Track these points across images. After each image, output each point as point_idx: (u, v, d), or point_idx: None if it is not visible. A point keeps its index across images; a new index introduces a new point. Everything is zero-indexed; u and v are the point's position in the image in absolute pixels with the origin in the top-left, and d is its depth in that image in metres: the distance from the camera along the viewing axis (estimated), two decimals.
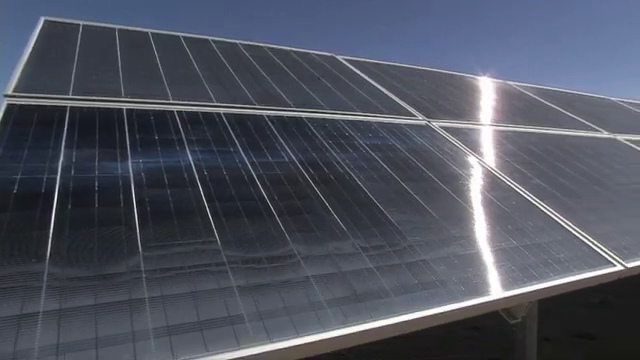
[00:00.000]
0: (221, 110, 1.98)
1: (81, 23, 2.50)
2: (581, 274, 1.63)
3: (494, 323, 1.62)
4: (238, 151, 1.71)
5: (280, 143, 1.84)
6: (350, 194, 1.64)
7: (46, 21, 2.41)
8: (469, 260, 1.50)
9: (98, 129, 1.59)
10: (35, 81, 1.80)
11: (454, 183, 1.96)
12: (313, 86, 2.57)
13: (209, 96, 2.07)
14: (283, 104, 2.21)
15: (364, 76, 3.07)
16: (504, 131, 2.91)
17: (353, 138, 2.07)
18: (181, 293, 1.08)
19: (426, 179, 1.92)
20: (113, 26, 2.56)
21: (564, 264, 1.65)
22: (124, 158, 1.48)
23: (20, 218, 1.15)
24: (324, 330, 1.09)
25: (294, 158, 1.76)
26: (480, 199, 1.91)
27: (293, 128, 1.99)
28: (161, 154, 1.56)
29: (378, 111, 2.49)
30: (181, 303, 1.05)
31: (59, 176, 1.32)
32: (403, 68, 3.62)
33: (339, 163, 1.82)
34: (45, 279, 1.01)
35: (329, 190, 1.62)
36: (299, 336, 1.06)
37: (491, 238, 1.66)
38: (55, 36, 2.28)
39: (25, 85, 1.75)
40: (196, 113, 1.89)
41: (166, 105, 1.88)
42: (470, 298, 1.33)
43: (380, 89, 2.89)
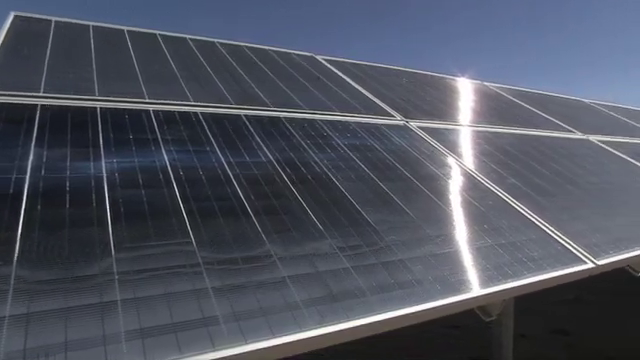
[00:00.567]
0: (198, 109, 1.95)
1: (53, 19, 2.44)
2: (554, 272, 1.67)
3: (474, 321, 1.64)
4: (215, 151, 1.69)
5: (257, 143, 1.83)
6: (327, 194, 1.64)
7: (16, 17, 2.35)
8: (445, 259, 1.51)
9: (70, 128, 1.56)
10: (4, 78, 1.75)
11: (431, 183, 1.98)
12: (292, 86, 2.57)
13: (186, 95, 2.05)
14: (261, 104, 2.20)
15: (343, 76, 3.07)
16: (481, 131, 2.96)
17: (331, 138, 2.07)
18: (155, 295, 1.06)
19: (403, 179, 1.93)
20: (87, 23, 2.51)
21: (538, 262, 1.68)
22: (97, 158, 1.45)
23: None
24: (300, 330, 1.09)
25: (271, 158, 1.75)
26: (457, 199, 1.94)
27: (271, 128, 1.98)
28: (136, 154, 1.53)
29: (357, 111, 2.50)
30: (155, 305, 1.04)
31: (28, 176, 1.29)
32: (382, 68, 3.65)
33: (317, 163, 1.82)
34: (12, 282, 0.98)
35: (306, 190, 1.62)
36: (275, 337, 1.05)
37: (467, 237, 1.68)
38: (25, 32, 2.22)
39: None
40: (172, 112, 1.87)
41: (141, 104, 1.85)
42: (445, 297, 1.34)
43: (359, 89, 2.91)
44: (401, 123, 2.57)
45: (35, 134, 1.47)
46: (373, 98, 2.82)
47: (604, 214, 2.30)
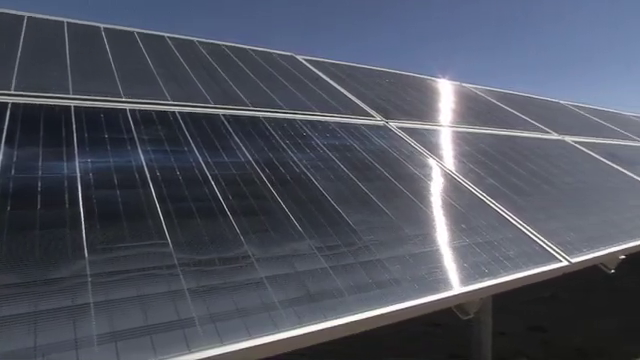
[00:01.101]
0: (176, 109, 1.93)
1: (25, 15, 2.38)
2: (530, 270, 1.69)
3: (454, 320, 1.65)
4: (192, 151, 1.67)
5: (236, 142, 1.82)
6: (306, 194, 1.64)
7: None
8: (423, 259, 1.52)
9: (43, 127, 1.52)
10: None
11: (410, 183, 1.99)
12: (271, 86, 2.56)
13: (164, 94, 2.02)
14: (240, 103, 2.18)
15: (323, 76, 3.08)
16: (460, 132, 2.99)
17: (311, 138, 2.07)
18: (129, 297, 1.05)
19: (383, 179, 1.94)
20: (61, 19, 2.45)
21: (514, 261, 1.71)
22: (71, 158, 1.42)
23: None
24: (277, 331, 1.08)
25: (250, 158, 1.74)
26: (436, 199, 1.95)
27: (250, 128, 1.97)
28: (111, 154, 1.51)
29: (336, 111, 2.50)
30: (129, 307, 1.02)
31: None
32: (362, 69, 3.66)
33: (296, 163, 1.82)
34: None
35: (285, 190, 1.61)
36: (251, 338, 1.05)
37: (445, 237, 1.70)
38: None
39: None
40: (149, 112, 1.84)
41: (117, 103, 1.82)
42: (423, 296, 1.35)
43: (339, 89, 2.91)
44: (381, 123, 2.58)
45: (5, 133, 1.43)
46: (353, 98, 2.83)
47: (578, 213, 2.35)
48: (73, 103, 1.71)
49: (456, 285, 1.45)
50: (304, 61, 3.27)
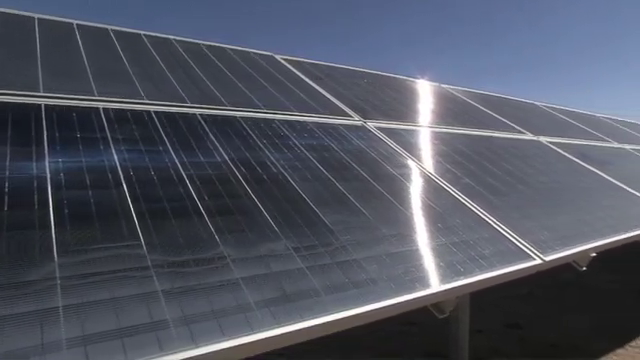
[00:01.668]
0: (151, 108, 1.90)
1: None
2: (504, 269, 1.72)
3: (431, 318, 1.67)
4: (168, 150, 1.65)
5: (212, 142, 1.80)
6: (283, 194, 1.63)
7: None
8: (400, 258, 1.53)
9: (11, 126, 1.48)
10: None
11: (388, 183, 2.00)
12: (250, 85, 2.54)
13: (139, 93, 1.99)
14: (217, 103, 2.16)
15: (302, 76, 3.07)
16: (437, 132, 3.02)
17: (288, 138, 2.06)
18: (100, 300, 1.02)
19: (360, 179, 1.95)
20: (32, 15, 2.39)
21: (489, 259, 1.73)
22: (41, 157, 1.38)
23: None
24: (252, 332, 1.07)
25: (226, 158, 1.73)
26: (413, 199, 1.97)
27: (227, 127, 1.95)
28: (83, 153, 1.47)
29: (315, 111, 2.50)
30: (100, 311, 1.00)
31: None
32: (341, 69, 3.67)
33: (273, 163, 1.81)
34: None
35: (262, 190, 1.60)
36: (226, 339, 1.04)
37: (422, 236, 1.71)
38: None
39: None
40: (124, 110, 1.81)
41: (90, 101, 1.78)
42: (399, 295, 1.36)
43: (318, 89, 2.91)
44: (359, 123, 2.59)
45: None
46: (332, 98, 2.84)
47: (552, 212, 2.40)
48: (44, 102, 1.67)
49: (432, 284, 1.47)
50: (283, 61, 3.26)
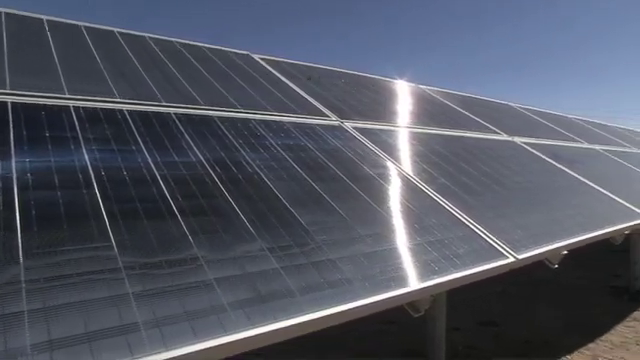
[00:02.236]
0: (124, 107, 1.87)
1: None
2: (478, 267, 1.75)
3: (410, 317, 1.68)
4: (141, 150, 1.62)
5: (187, 142, 1.78)
6: (259, 194, 1.62)
7: None
8: (375, 258, 1.54)
9: None
10: None
11: (364, 183, 2.01)
12: (226, 85, 2.52)
13: (111, 92, 1.95)
14: (193, 102, 2.14)
15: (280, 76, 3.06)
16: (414, 132, 3.05)
17: (265, 138, 2.05)
18: (68, 303, 1.00)
19: (336, 179, 1.95)
20: None
21: (463, 258, 1.75)
22: (6, 157, 1.34)
23: None
24: (226, 333, 1.06)
25: (202, 158, 1.70)
26: (389, 198, 1.98)
27: (202, 127, 1.93)
28: (52, 153, 1.44)
29: (292, 111, 2.49)
30: (67, 314, 0.98)
31: None
32: (319, 69, 3.67)
33: (249, 163, 1.79)
34: None
35: (237, 190, 1.59)
36: (199, 341, 1.03)
37: (397, 236, 1.72)
38: None
39: None
40: (96, 109, 1.77)
41: (61, 100, 1.74)
42: (374, 295, 1.36)
43: (295, 89, 2.90)
44: (336, 123, 2.59)
45: None
46: (309, 98, 2.83)
47: (525, 211, 2.45)
48: (10, 99, 1.62)
49: (407, 283, 1.48)
50: (260, 60, 3.24)
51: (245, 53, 3.25)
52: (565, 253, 2.30)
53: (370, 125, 2.80)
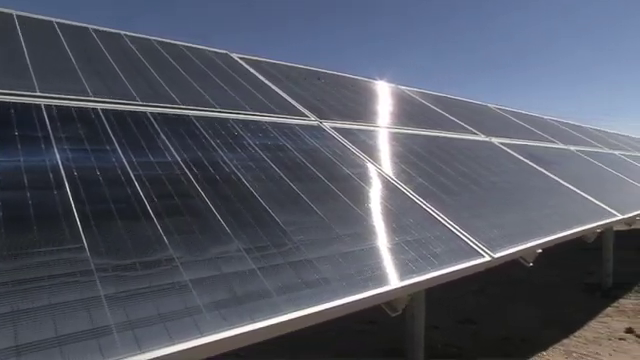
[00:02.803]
0: (98, 106, 1.83)
1: None
2: (455, 266, 1.77)
3: (390, 317, 1.68)
4: (115, 150, 1.59)
5: (163, 142, 1.75)
6: (236, 195, 1.61)
7: None
8: (353, 258, 1.54)
9: None
10: None
11: (342, 183, 2.01)
12: (204, 84, 2.49)
13: (85, 90, 1.91)
14: (170, 101, 2.11)
15: (259, 75, 3.04)
16: (393, 132, 3.07)
17: (243, 138, 2.03)
18: (37, 307, 0.97)
19: (315, 179, 1.95)
20: None
21: (440, 258, 1.77)
22: None
23: None
24: (201, 335, 1.05)
25: (178, 158, 1.68)
26: (367, 198, 1.99)
27: (179, 127, 1.91)
28: (22, 152, 1.40)
29: (270, 111, 2.48)
30: (36, 318, 0.95)
31: None
32: (298, 69, 3.66)
33: (226, 163, 1.78)
34: None
35: (214, 191, 1.57)
36: (173, 343, 1.01)
37: (375, 236, 1.73)
38: None
39: None
40: (68, 108, 1.73)
41: (31, 98, 1.69)
42: (351, 294, 1.37)
43: (274, 89, 2.89)
44: (315, 123, 2.59)
45: None
46: (288, 98, 2.82)
47: (501, 211, 2.49)
48: None
49: (384, 283, 1.48)
50: (239, 59, 3.22)
51: (224, 52, 3.23)
52: (540, 252, 2.34)
53: (349, 125, 2.81)
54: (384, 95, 4.20)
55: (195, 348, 1.03)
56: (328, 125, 2.64)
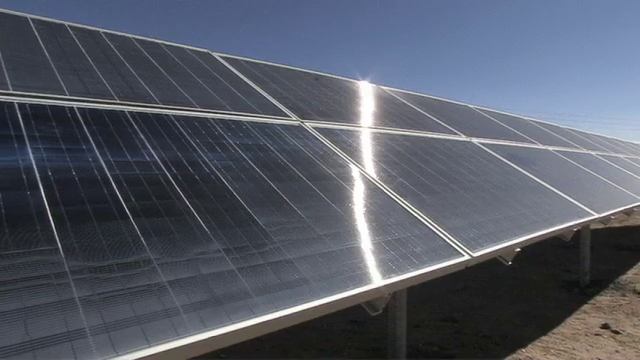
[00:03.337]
0: (74, 104, 1.79)
1: None
2: (435, 265, 1.78)
3: (374, 316, 1.69)
4: (92, 149, 1.56)
5: (141, 141, 1.73)
6: (215, 195, 1.59)
7: None
8: (333, 258, 1.54)
9: None
10: None
11: (323, 183, 2.01)
12: (184, 83, 2.46)
13: (61, 88, 1.87)
14: (148, 100, 2.08)
15: (240, 75, 3.02)
16: (374, 132, 3.08)
17: (223, 137, 2.02)
18: (8, 310, 0.95)
19: (295, 179, 1.94)
20: None
21: (420, 257, 1.78)
22: None
23: None
24: (178, 337, 1.04)
25: (156, 158, 1.66)
26: (348, 198, 1.99)
27: (157, 126, 1.88)
28: None
29: (251, 110, 2.46)
30: (8, 322, 0.93)
31: None
32: (280, 69, 3.65)
33: (206, 163, 1.76)
34: None
35: (193, 191, 1.56)
36: (150, 346, 1.00)
37: (356, 235, 1.73)
38: None
39: None
40: (43, 106, 1.70)
41: (4, 96, 1.65)
42: (331, 294, 1.37)
43: (255, 88, 2.87)
44: (296, 123, 2.59)
45: None
46: (269, 97, 2.81)
47: (481, 210, 2.52)
48: None
49: (364, 282, 1.49)
50: (220, 59, 3.19)
51: (205, 51, 3.20)
52: (518, 250, 2.38)
53: (331, 125, 2.81)
54: (366, 95, 4.21)
55: (172, 350, 1.01)
56: (310, 125, 2.64)
